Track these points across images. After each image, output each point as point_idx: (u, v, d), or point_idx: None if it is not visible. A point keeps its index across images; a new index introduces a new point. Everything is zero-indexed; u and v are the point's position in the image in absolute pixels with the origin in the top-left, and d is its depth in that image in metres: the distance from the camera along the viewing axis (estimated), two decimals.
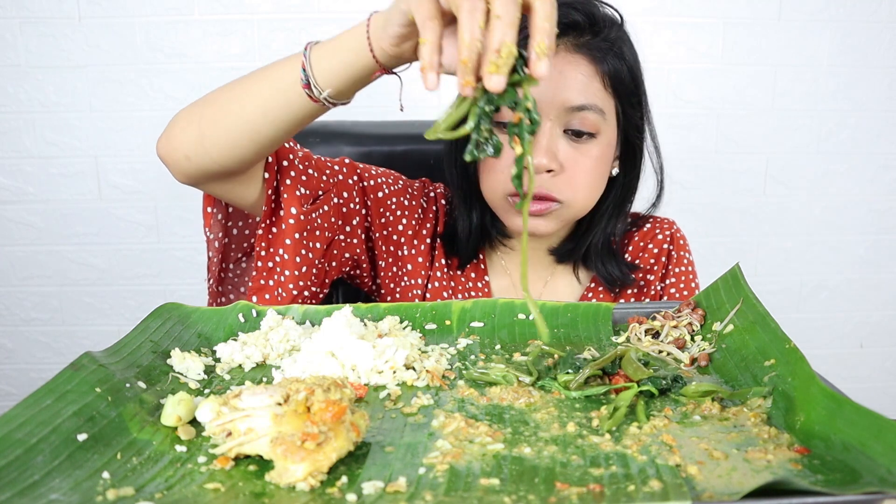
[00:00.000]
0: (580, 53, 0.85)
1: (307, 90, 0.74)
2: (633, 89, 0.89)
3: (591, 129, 0.86)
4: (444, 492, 0.43)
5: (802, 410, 0.51)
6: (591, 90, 0.85)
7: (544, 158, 0.85)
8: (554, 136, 0.86)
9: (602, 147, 0.88)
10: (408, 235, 0.99)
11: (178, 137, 0.79)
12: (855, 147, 1.91)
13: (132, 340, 0.64)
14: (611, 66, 0.86)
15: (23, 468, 0.43)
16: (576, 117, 0.85)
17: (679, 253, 1.05)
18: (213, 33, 1.75)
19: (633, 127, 0.92)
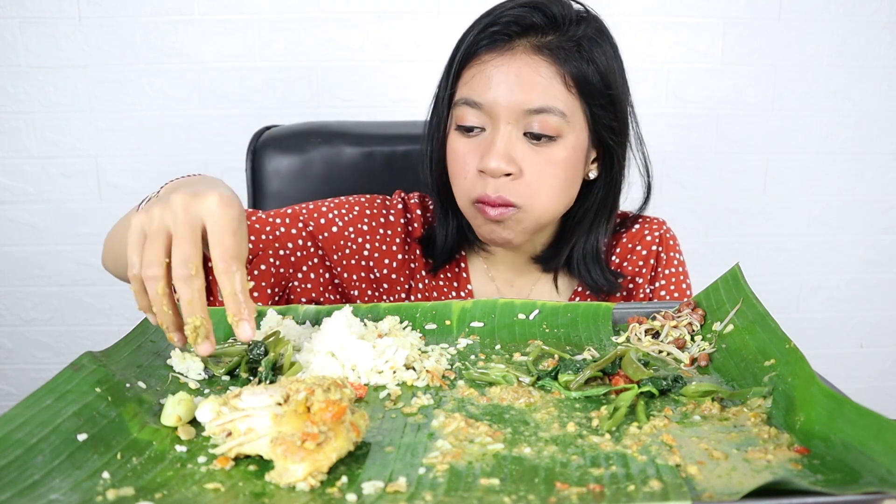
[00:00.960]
0: (540, 55, 0.83)
1: None
2: (602, 90, 0.86)
3: (551, 132, 0.84)
4: (444, 492, 0.43)
5: (802, 410, 0.51)
6: (552, 92, 0.83)
7: (502, 162, 0.83)
8: (512, 140, 0.84)
9: (567, 150, 0.85)
10: (375, 258, 0.97)
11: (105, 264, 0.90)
12: (855, 147, 1.91)
13: (132, 340, 0.64)
14: (575, 66, 0.83)
15: (23, 468, 0.43)
16: (535, 120, 0.83)
17: (669, 254, 1.02)
18: (213, 33, 1.75)
19: (606, 128, 0.88)
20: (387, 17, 1.77)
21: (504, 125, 0.84)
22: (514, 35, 0.84)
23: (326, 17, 1.76)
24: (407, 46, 1.78)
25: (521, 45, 0.84)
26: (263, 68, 1.78)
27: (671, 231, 1.05)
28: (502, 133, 0.84)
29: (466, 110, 0.86)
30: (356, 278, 0.97)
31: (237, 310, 0.58)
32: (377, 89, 1.80)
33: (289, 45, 1.77)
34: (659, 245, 1.02)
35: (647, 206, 1.01)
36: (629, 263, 1.02)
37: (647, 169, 0.97)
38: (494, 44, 0.84)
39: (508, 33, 0.84)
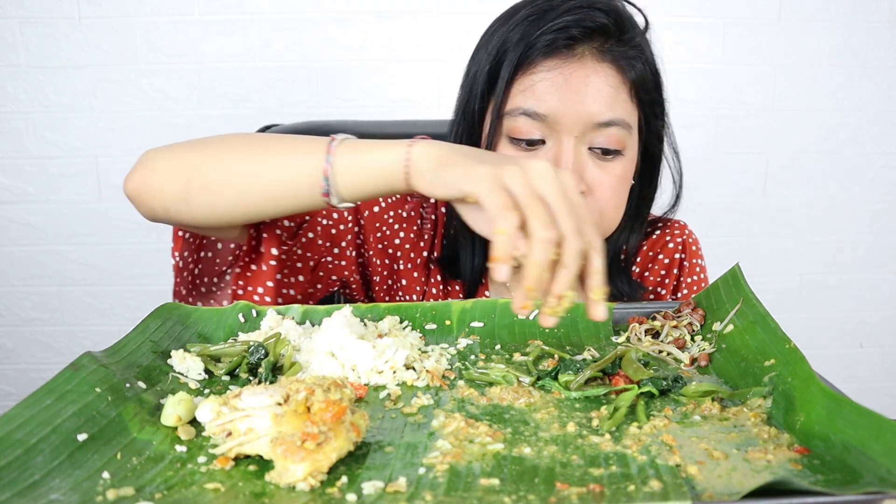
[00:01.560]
0: (606, 61, 0.77)
1: (326, 199, 0.68)
2: (657, 97, 0.82)
3: (617, 147, 0.78)
4: (444, 492, 0.43)
5: (802, 410, 0.51)
6: (618, 102, 0.77)
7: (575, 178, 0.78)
8: (580, 155, 0.77)
9: (626, 164, 0.80)
10: (405, 249, 0.92)
11: (158, 188, 0.72)
12: (855, 147, 1.91)
13: (132, 340, 0.64)
14: (637, 73, 0.78)
15: (23, 468, 0.43)
16: (601, 134, 0.77)
17: (691, 261, 0.97)
18: (213, 33, 1.75)
19: (655, 137, 0.84)
20: (387, 17, 1.77)
21: (568, 139, 0.77)
22: (577, 39, 0.76)
23: (326, 17, 1.76)
24: (407, 46, 1.78)
25: (588, 50, 0.77)
26: (263, 68, 1.78)
27: (693, 235, 0.99)
28: (567, 147, 0.77)
29: (524, 121, 0.77)
30: (379, 263, 0.91)
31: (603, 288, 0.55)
32: (377, 89, 1.80)
33: (289, 45, 1.77)
34: (682, 252, 0.97)
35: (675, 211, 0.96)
36: (651, 273, 0.96)
37: (679, 173, 0.91)
38: (556, 49, 0.76)
39: (572, 37, 0.76)
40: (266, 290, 0.81)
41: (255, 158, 0.71)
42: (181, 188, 0.71)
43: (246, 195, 0.71)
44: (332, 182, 0.67)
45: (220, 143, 0.74)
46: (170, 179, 0.72)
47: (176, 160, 0.73)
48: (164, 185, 0.72)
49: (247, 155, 0.71)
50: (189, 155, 0.73)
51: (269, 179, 0.70)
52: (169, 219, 0.75)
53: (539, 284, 0.53)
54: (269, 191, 0.70)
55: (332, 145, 0.68)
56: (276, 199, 0.70)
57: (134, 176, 0.74)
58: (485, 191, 0.56)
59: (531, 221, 0.54)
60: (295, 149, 0.70)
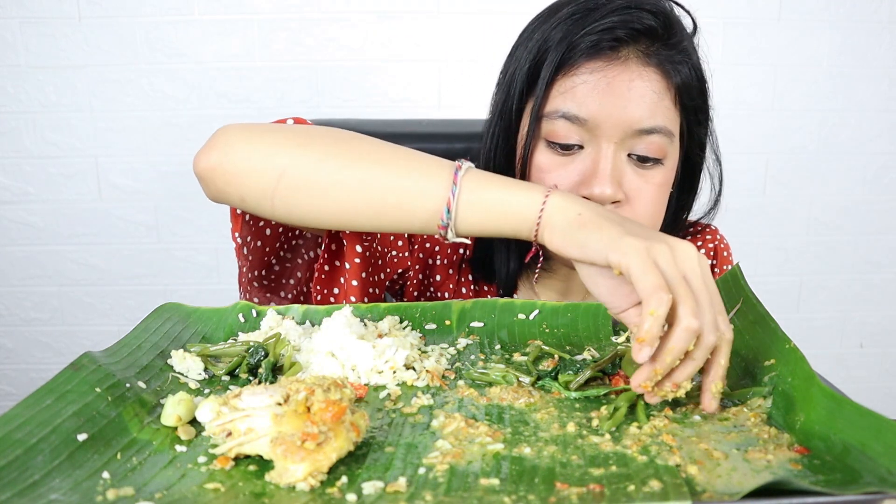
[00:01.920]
0: (651, 66, 0.74)
1: (442, 230, 0.64)
2: (702, 104, 0.78)
3: (658, 155, 0.75)
4: (444, 492, 0.43)
5: (802, 410, 0.51)
6: (661, 109, 0.74)
7: (609, 188, 0.73)
8: (618, 163, 0.75)
9: (667, 172, 0.77)
10: (442, 244, 0.89)
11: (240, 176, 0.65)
12: (855, 147, 1.91)
13: (132, 340, 0.64)
14: (682, 78, 0.75)
15: (23, 468, 0.43)
16: (642, 141, 0.74)
17: (723, 267, 0.94)
18: (213, 33, 1.75)
19: (697, 145, 0.81)
20: (387, 17, 1.77)
21: (607, 144, 0.74)
22: (622, 41, 0.73)
23: (326, 17, 1.76)
24: (407, 46, 1.78)
25: (632, 53, 0.74)
26: (263, 68, 1.78)
27: (725, 240, 0.96)
28: (606, 153, 0.74)
29: (563, 125, 0.75)
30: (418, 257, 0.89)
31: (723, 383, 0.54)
32: (377, 89, 1.80)
33: (289, 45, 1.77)
34: (714, 258, 0.93)
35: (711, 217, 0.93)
36: None
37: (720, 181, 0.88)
38: (599, 50, 0.73)
39: (617, 39, 0.73)
40: (352, 290, 0.78)
41: (369, 170, 0.64)
42: (270, 183, 0.64)
43: (348, 207, 0.65)
44: (454, 216, 0.63)
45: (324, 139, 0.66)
46: (257, 169, 0.65)
47: (269, 149, 0.65)
48: (250, 175, 0.65)
49: (358, 163, 0.64)
50: (285, 146, 0.65)
51: (382, 197, 0.64)
52: (244, 208, 0.69)
53: (668, 370, 0.52)
54: (378, 208, 0.64)
55: (458, 174, 0.63)
56: (382, 217, 0.65)
57: (210, 155, 0.66)
58: (638, 267, 0.52)
59: (681, 308, 0.51)
60: (417, 168, 0.64)
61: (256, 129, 0.67)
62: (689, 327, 0.50)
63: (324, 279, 0.79)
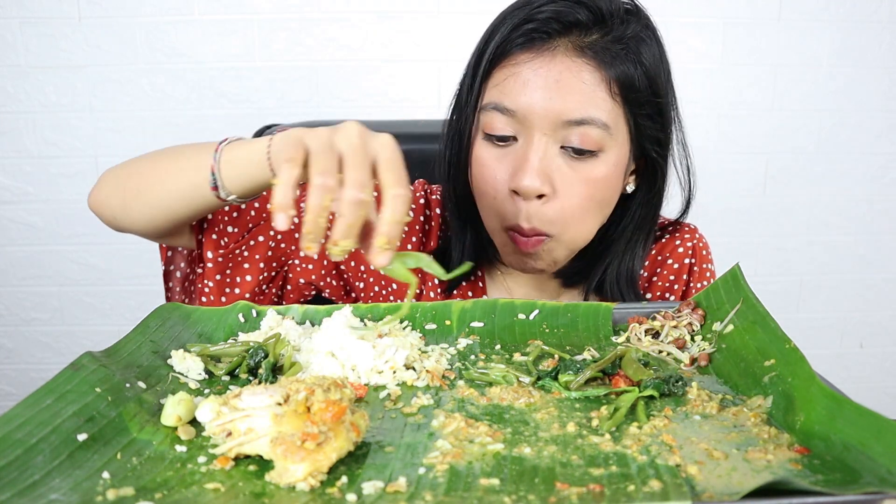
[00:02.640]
0: (583, 57, 0.73)
1: (215, 192, 0.73)
2: (650, 97, 0.77)
3: (592, 147, 0.74)
4: (444, 492, 0.43)
5: (802, 410, 0.51)
6: (595, 101, 0.74)
7: (536, 180, 0.74)
8: (549, 154, 0.75)
9: (607, 166, 0.76)
10: None
11: (104, 201, 0.80)
12: (855, 147, 1.91)
13: (132, 340, 0.64)
14: (621, 70, 0.74)
15: (23, 468, 0.43)
16: (574, 132, 0.74)
17: (701, 266, 0.93)
18: (213, 33, 1.75)
19: (651, 140, 0.79)
20: (387, 17, 1.77)
21: (539, 136, 0.75)
22: (553, 33, 0.74)
23: (326, 17, 1.76)
24: (407, 46, 1.78)
25: (562, 44, 0.74)
26: (263, 68, 1.78)
27: (703, 238, 0.96)
28: (536, 146, 0.75)
29: (496, 116, 0.77)
30: (363, 269, 0.90)
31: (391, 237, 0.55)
32: (377, 89, 1.80)
33: (289, 45, 1.77)
34: (692, 257, 0.93)
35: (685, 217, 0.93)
36: (659, 278, 0.93)
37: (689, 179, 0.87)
38: (531, 42, 0.75)
39: (548, 31, 0.74)
40: (210, 290, 0.85)
41: (164, 164, 0.77)
42: (119, 199, 0.79)
43: (160, 198, 0.77)
44: (218, 176, 0.72)
45: (148, 155, 0.80)
46: (112, 193, 0.80)
47: (117, 175, 0.80)
48: (109, 198, 0.80)
49: (159, 163, 0.78)
50: (126, 169, 0.80)
51: (174, 181, 0.75)
52: (120, 226, 0.82)
53: (314, 228, 0.54)
54: (174, 192, 0.76)
55: (220, 145, 0.73)
56: (181, 198, 0.75)
57: (91, 192, 0.82)
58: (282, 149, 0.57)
59: (310, 168, 0.55)
60: (194, 153, 0.75)
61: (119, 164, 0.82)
62: (317, 184, 0.54)
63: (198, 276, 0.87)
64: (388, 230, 0.55)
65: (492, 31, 0.79)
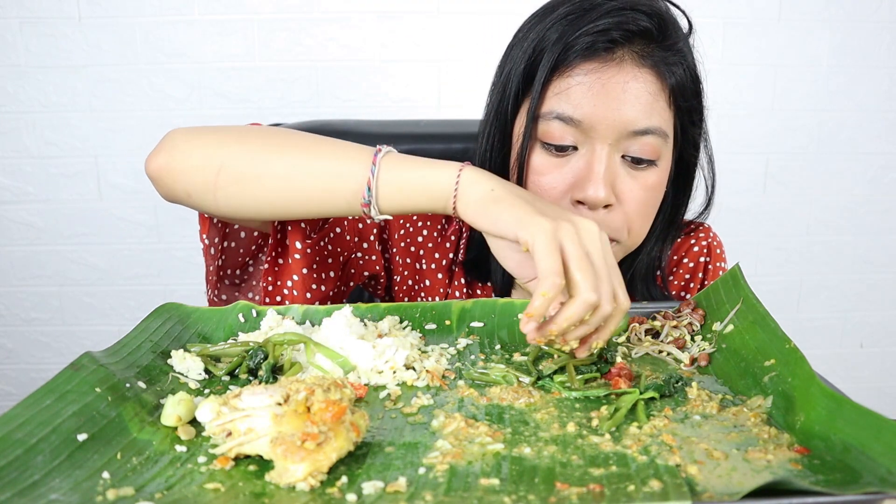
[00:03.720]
0: (646, 67, 0.73)
1: (365, 209, 0.69)
2: (696, 104, 0.78)
3: (652, 156, 0.75)
4: (444, 492, 0.43)
5: (802, 410, 0.51)
6: (656, 110, 0.74)
7: (602, 191, 0.73)
8: (612, 164, 0.75)
9: (660, 174, 0.78)
10: (427, 248, 0.90)
11: (184, 173, 0.71)
12: (855, 147, 1.91)
13: (132, 340, 0.64)
14: (678, 79, 0.75)
15: (23, 468, 0.43)
16: (636, 142, 0.74)
17: (716, 265, 0.95)
18: (213, 33, 1.75)
19: (691, 145, 0.81)
20: (387, 17, 1.77)
21: (602, 146, 0.74)
22: (618, 42, 0.73)
23: (326, 17, 1.76)
24: (407, 46, 1.78)
25: (627, 54, 0.73)
26: (263, 68, 1.78)
27: (718, 238, 0.97)
28: (600, 155, 0.74)
29: (557, 126, 0.75)
30: (401, 262, 0.90)
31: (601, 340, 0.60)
32: (377, 89, 1.80)
33: (289, 45, 1.77)
34: (707, 256, 0.94)
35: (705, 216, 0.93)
36: (675, 277, 0.94)
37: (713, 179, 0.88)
38: (595, 52, 0.73)
39: (613, 40, 0.73)
40: (294, 283, 0.80)
41: (296, 158, 0.69)
42: (210, 177, 0.70)
43: (280, 194, 0.70)
44: (374, 194, 0.68)
45: (258, 135, 0.72)
46: (199, 166, 0.70)
47: (208, 147, 0.71)
48: (193, 171, 0.70)
49: (287, 153, 0.70)
50: (223, 143, 0.71)
51: (309, 182, 0.69)
52: (191, 204, 0.73)
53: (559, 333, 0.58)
54: (306, 193, 0.69)
55: (377, 156, 0.68)
56: (312, 201, 0.70)
57: (159, 157, 0.72)
58: (542, 247, 0.57)
59: (582, 283, 0.57)
60: (339, 154, 0.69)
61: (198, 130, 0.73)
62: (588, 300, 0.56)
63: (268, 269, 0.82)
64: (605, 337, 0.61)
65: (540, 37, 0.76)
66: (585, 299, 0.56)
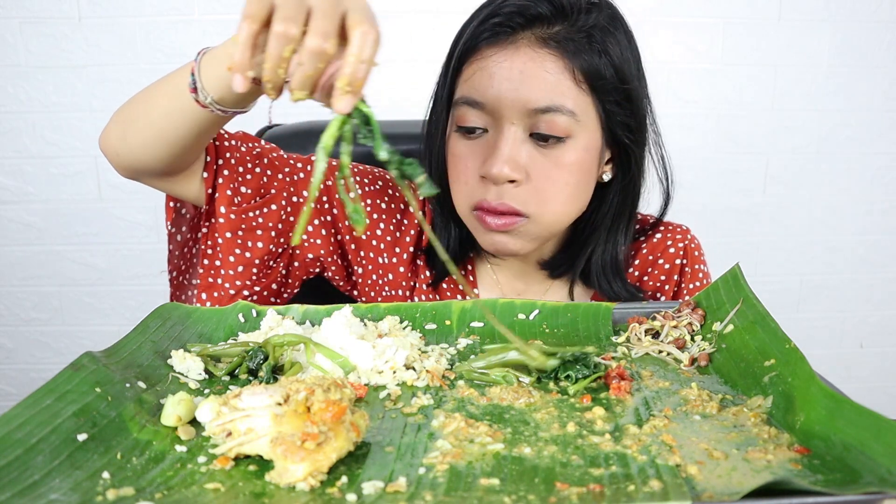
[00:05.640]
0: (546, 48, 0.77)
1: (194, 94, 0.71)
2: (617, 84, 0.79)
3: (559, 133, 0.78)
4: (444, 492, 0.43)
5: (802, 410, 0.51)
6: (560, 89, 0.77)
7: (506, 167, 0.77)
8: (517, 142, 0.78)
9: (577, 151, 0.79)
10: (387, 242, 0.92)
11: (108, 135, 0.80)
12: (855, 147, 1.91)
13: (132, 340, 0.64)
14: (585, 59, 0.77)
15: (23, 468, 0.43)
16: (541, 120, 0.77)
17: (693, 267, 0.95)
18: (213, 33, 1.75)
19: (622, 126, 0.82)
20: (387, 18, 1.76)
21: (508, 126, 0.78)
22: (517, 27, 0.78)
23: None
24: (406, 46, 1.78)
25: (526, 37, 0.77)
26: None
27: (696, 240, 0.97)
28: (506, 135, 0.78)
29: (467, 110, 0.80)
30: (363, 255, 0.92)
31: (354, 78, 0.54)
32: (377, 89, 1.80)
33: None
34: (683, 258, 0.95)
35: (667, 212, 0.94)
36: (650, 278, 0.95)
37: (665, 171, 0.89)
38: (496, 37, 0.78)
39: (511, 25, 0.77)
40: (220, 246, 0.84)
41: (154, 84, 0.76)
42: (120, 128, 0.78)
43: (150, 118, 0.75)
44: (197, 77, 0.71)
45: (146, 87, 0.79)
46: (113, 127, 0.79)
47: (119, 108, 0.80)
48: (111, 131, 0.79)
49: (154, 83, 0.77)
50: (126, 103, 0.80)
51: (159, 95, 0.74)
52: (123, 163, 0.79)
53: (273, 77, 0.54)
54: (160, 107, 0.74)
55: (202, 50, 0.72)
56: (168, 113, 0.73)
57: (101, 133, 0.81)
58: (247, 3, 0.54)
59: (273, 15, 0.53)
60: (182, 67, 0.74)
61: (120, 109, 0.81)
62: (276, 32, 0.52)
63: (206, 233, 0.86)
64: (352, 70, 0.53)
65: (463, 29, 0.82)
66: (275, 32, 0.52)
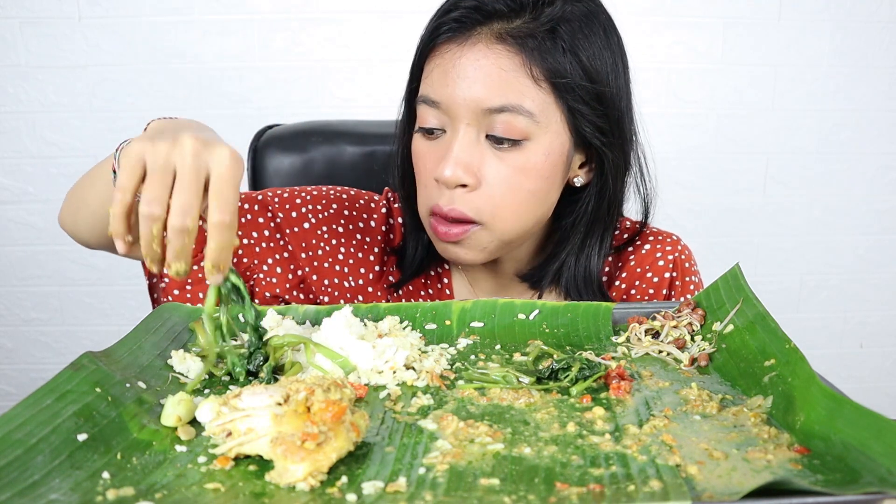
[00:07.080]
0: (503, 43, 0.72)
1: None
2: (583, 83, 0.74)
3: (516, 135, 0.73)
4: (444, 492, 0.43)
5: (802, 410, 0.51)
6: (516, 87, 0.72)
7: (457, 170, 0.73)
8: (471, 144, 0.74)
9: (537, 155, 0.75)
10: (351, 265, 0.88)
11: (63, 216, 0.83)
12: (855, 147, 1.91)
13: (132, 340, 0.64)
14: (546, 56, 0.72)
15: (23, 468, 0.43)
16: (497, 121, 0.73)
17: (684, 279, 0.90)
18: (213, 33, 1.75)
19: (591, 126, 0.76)
20: (387, 17, 1.77)
21: (463, 127, 0.74)
22: (475, 22, 0.74)
23: (326, 17, 1.76)
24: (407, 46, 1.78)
25: (483, 33, 0.73)
26: (263, 68, 1.78)
27: (687, 250, 0.92)
28: (458, 136, 0.74)
29: (426, 109, 0.77)
30: (327, 283, 0.88)
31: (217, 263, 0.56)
32: (377, 89, 1.80)
33: (289, 45, 1.77)
34: (673, 270, 0.89)
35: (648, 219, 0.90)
36: (638, 291, 0.90)
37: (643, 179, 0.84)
38: (454, 33, 0.75)
39: (470, 19, 0.74)
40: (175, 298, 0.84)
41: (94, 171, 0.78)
42: (70, 214, 0.81)
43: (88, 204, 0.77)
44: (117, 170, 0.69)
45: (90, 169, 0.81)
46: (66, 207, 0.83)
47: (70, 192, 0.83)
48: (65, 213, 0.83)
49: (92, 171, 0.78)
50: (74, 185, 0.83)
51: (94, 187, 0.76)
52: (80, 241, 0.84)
53: (150, 253, 0.56)
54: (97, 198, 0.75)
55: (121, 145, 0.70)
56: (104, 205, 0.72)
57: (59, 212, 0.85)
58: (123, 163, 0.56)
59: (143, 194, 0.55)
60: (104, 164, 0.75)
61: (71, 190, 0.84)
62: (142, 213, 0.55)
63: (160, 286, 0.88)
64: (214, 257, 0.56)
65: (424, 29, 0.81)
66: (143, 213, 0.54)
